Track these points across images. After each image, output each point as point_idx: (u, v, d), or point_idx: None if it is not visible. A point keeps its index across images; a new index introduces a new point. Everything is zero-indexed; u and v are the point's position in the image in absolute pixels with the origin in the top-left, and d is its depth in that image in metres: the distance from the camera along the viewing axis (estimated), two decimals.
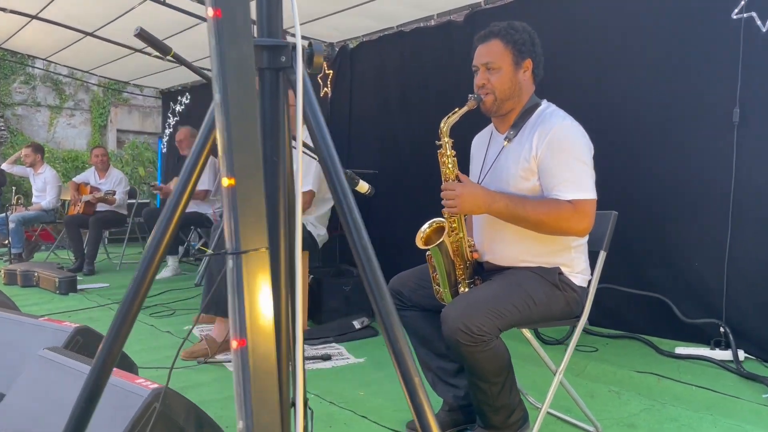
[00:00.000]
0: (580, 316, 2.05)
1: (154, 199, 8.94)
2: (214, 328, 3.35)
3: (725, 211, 3.06)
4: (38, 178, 6.86)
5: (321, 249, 3.89)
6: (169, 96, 8.55)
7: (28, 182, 7.56)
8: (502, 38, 2.02)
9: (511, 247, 2.04)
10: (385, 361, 3.03)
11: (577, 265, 2.04)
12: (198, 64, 7.00)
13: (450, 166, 2.00)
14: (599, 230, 2.06)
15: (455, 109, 2.01)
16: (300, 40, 1.00)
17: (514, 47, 2.01)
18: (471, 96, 2.05)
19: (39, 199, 6.82)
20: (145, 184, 7.60)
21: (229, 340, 3.20)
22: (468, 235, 2.08)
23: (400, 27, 4.95)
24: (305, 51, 1.05)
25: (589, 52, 3.54)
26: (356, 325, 3.71)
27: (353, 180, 2.02)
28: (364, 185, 2.07)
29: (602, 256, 2.10)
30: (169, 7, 5.04)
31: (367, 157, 5.06)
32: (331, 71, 5.58)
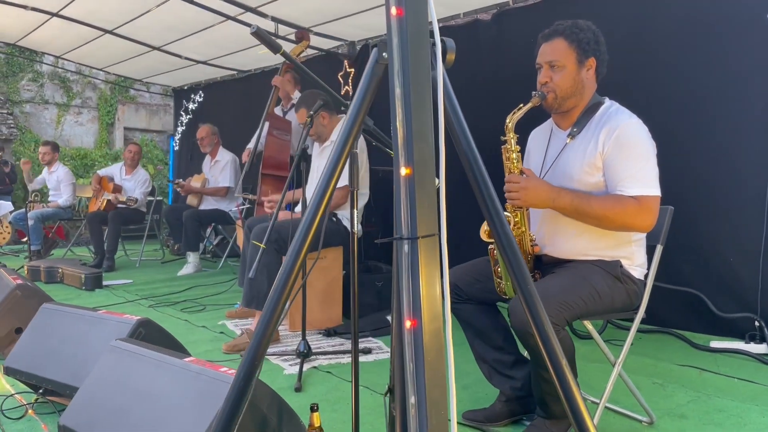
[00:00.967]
0: (639, 308, 2.11)
1: (166, 198, 8.96)
2: (254, 322, 3.39)
3: (760, 206, 3.13)
4: (51, 176, 6.88)
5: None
6: (182, 94, 8.58)
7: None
8: (566, 37, 2.07)
9: (572, 240, 2.09)
10: None
11: (637, 258, 2.09)
12: (215, 62, 7.05)
13: (515, 160, 2.06)
14: (656, 224, 2.11)
15: (520, 105, 2.06)
16: (438, 37, 1.04)
17: (578, 46, 2.06)
18: (534, 93, 2.10)
19: (55, 197, 6.83)
20: (170, 181, 7.64)
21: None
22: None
23: None
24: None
25: (620, 53, 3.59)
26: (390, 319, 3.76)
27: None
28: None
29: (659, 250, 2.16)
30: (196, 5, 5.06)
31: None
32: (353, 69, 5.63)
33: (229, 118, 7.23)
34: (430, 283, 0.86)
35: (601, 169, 2.01)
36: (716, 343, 3.18)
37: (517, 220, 2.07)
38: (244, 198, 5.26)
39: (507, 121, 2.04)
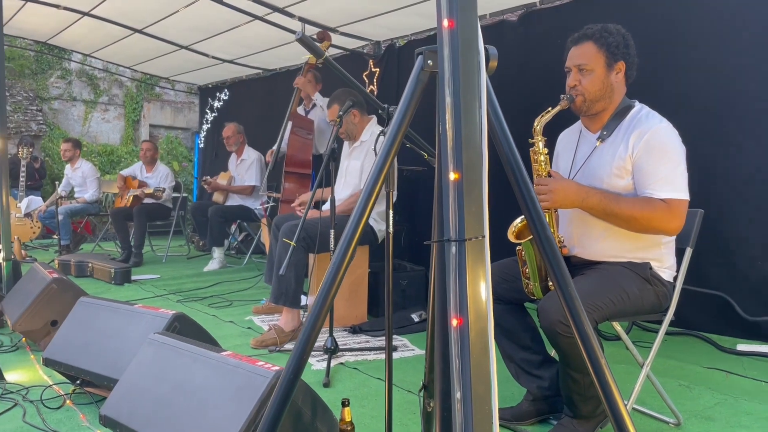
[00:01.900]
0: (668, 310, 2.13)
1: (190, 194, 9.08)
2: (282, 318, 3.45)
3: None
4: (76, 173, 7.00)
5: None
6: (207, 92, 8.69)
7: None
8: (595, 41, 2.08)
9: (601, 242, 2.11)
10: None
11: (666, 260, 2.11)
12: (241, 62, 7.14)
13: (543, 163, 2.08)
14: (685, 227, 2.12)
15: (548, 108, 2.09)
16: (482, 44, 1.07)
17: (608, 50, 2.08)
18: (563, 96, 2.12)
19: (81, 193, 6.96)
20: (196, 178, 7.76)
21: (296, 330, 3.31)
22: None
23: None
24: None
25: (648, 55, 3.59)
26: (415, 318, 3.80)
27: None
28: None
29: (689, 252, 2.17)
30: (225, 5, 5.14)
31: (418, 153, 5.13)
32: (378, 69, 5.67)
33: (253, 117, 7.32)
34: (475, 284, 0.89)
35: (631, 172, 2.03)
36: (743, 346, 3.17)
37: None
38: (269, 196, 5.34)
39: (535, 124, 2.07)
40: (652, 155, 1.98)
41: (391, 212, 1.93)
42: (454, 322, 0.90)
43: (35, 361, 3.01)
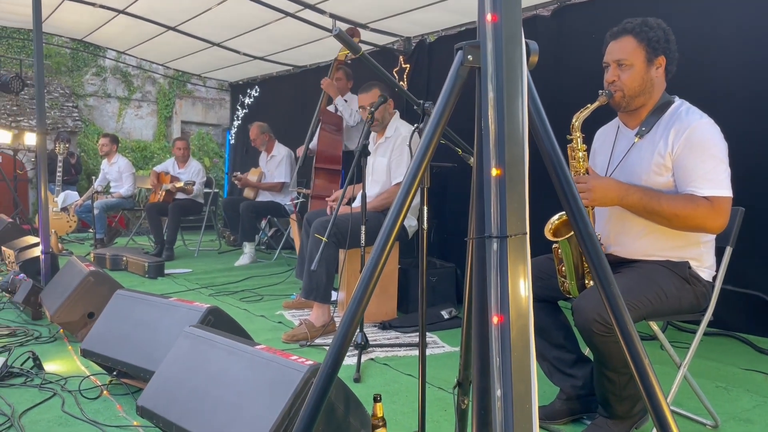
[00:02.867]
0: (707, 310, 2.08)
1: (221, 190, 9.19)
2: (312, 313, 3.47)
3: None
4: (112, 168, 7.13)
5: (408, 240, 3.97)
6: (238, 88, 8.77)
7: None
8: (635, 35, 2.04)
9: (639, 240, 2.08)
10: None
11: (706, 259, 2.07)
12: (272, 59, 7.19)
13: (581, 160, 2.05)
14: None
15: (587, 105, 2.06)
16: (523, 39, 1.06)
17: (648, 44, 2.03)
18: (601, 92, 2.08)
19: (116, 188, 7.10)
20: (227, 174, 7.86)
21: (326, 325, 3.32)
22: None
23: None
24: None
25: (687, 50, 3.51)
26: (444, 315, 3.79)
27: None
28: None
29: (728, 252, 2.13)
30: (257, 2, 5.18)
31: (447, 149, 5.11)
32: (408, 65, 5.65)
33: (283, 113, 7.37)
34: (516, 281, 0.88)
35: (671, 169, 1.99)
36: None
37: None
38: (298, 192, 5.37)
39: (573, 120, 2.04)
40: (694, 152, 1.94)
41: (426, 209, 1.92)
42: (495, 320, 0.89)
43: (73, 352, 3.08)
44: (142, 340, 2.43)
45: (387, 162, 3.74)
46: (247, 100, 8.46)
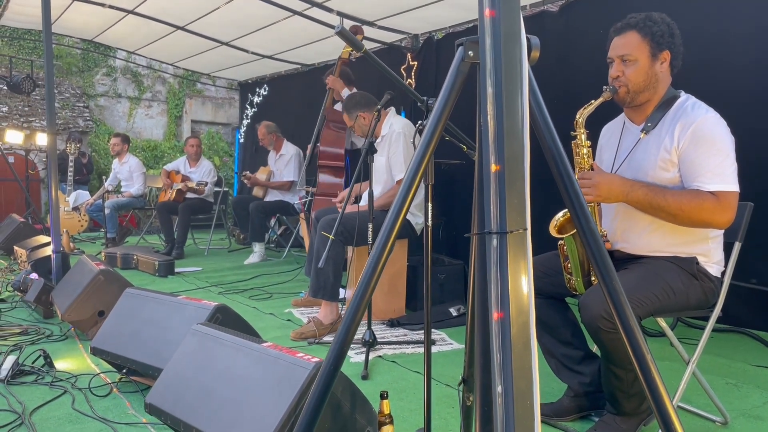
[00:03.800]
0: (715, 306, 2.07)
1: (231, 189, 9.23)
2: (320, 311, 3.48)
3: None
4: (123, 167, 7.18)
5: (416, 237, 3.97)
6: (247, 87, 8.79)
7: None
8: (639, 30, 2.03)
9: (646, 236, 2.06)
10: None
11: (714, 255, 2.05)
12: (280, 57, 7.20)
13: (585, 156, 2.04)
14: (734, 221, 2.06)
15: (591, 101, 2.05)
16: (524, 35, 1.05)
17: (652, 39, 2.02)
18: (605, 87, 2.07)
19: (127, 187, 7.15)
20: (236, 173, 7.90)
21: (335, 323, 3.33)
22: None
23: None
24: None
25: (693, 45, 3.49)
26: (453, 312, 3.79)
27: None
28: None
29: (737, 247, 2.11)
30: (264, 1, 5.19)
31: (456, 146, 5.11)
32: (416, 62, 5.65)
33: (292, 112, 7.38)
34: (516, 277, 0.88)
35: (677, 165, 1.98)
36: None
37: None
38: (306, 191, 5.38)
39: (577, 116, 2.03)
40: (700, 146, 1.92)
41: (430, 205, 1.92)
42: (495, 316, 0.89)
43: (83, 350, 3.11)
44: (151, 338, 2.45)
45: (385, 160, 3.75)
46: (256, 99, 8.48)
